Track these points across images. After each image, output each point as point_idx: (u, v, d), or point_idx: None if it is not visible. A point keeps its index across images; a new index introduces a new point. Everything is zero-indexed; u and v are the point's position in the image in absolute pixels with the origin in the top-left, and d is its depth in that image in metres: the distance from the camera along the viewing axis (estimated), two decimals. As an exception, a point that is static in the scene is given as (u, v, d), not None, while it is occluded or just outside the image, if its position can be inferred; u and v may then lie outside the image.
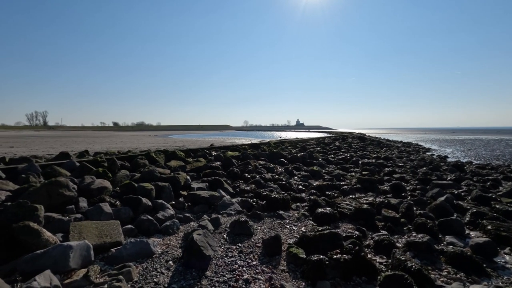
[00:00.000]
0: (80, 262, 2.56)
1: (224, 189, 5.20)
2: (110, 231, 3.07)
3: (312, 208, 4.62)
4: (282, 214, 4.38)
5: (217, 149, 9.86)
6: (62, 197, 3.59)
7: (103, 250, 2.87)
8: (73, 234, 2.88)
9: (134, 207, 3.84)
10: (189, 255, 2.78)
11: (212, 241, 3.09)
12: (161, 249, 3.10)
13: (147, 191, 4.24)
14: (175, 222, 3.67)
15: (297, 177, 7.26)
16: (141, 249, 2.87)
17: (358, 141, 21.72)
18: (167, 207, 4.09)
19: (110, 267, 2.66)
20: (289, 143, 15.37)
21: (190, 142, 24.45)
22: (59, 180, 3.65)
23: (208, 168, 6.53)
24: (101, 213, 3.48)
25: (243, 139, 32.58)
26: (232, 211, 4.35)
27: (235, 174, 6.41)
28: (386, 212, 4.33)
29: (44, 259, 2.41)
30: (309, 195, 5.55)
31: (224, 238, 3.46)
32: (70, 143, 22.56)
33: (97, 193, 4.15)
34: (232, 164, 7.26)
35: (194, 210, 4.31)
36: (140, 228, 3.44)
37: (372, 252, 3.30)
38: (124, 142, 24.12)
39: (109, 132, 76.97)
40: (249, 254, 3.08)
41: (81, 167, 5.31)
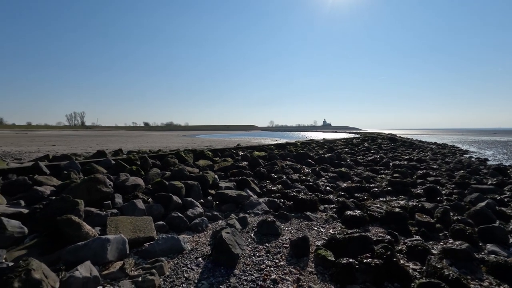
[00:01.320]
0: (116, 255, 2.70)
1: (251, 188, 5.24)
2: (143, 226, 3.21)
3: (341, 210, 4.53)
4: (310, 215, 4.33)
5: (243, 149, 9.95)
6: (100, 193, 3.81)
7: (137, 245, 3.00)
8: (110, 228, 3.04)
9: (165, 204, 3.99)
10: (217, 252, 2.83)
11: (240, 240, 3.13)
12: (191, 245, 3.18)
13: (177, 189, 4.38)
14: (204, 220, 3.76)
15: (325, 178, 7.14)
16: (172, 245, 2.97)
17: (388, 142, 20.92)
18: (196, 205, 4.20)
19: (144, 261, 2.78)
20: (316, 144, 15.15)
21: (217, 142, 24.89)
22: (97, 177, 3.88)
23: (235, 167, 6.62)
24: (135, 209, 3.64)
25: (269, 139, 32.60)
26: (259, 211, 4.37)
27: (261, 174, 6.43)
28: (419, 217, 4.14)
29: (85, 250, 2.57)
30: (337, 196, 5.44)
31: (252, 238, 3.49)
32: (105, 142, 23.84)
33: (131, 190, 4.35)
34: (258, 164, 7.30)
35: (222, 209, 4.39)
36: (171, 224, 3.56)
37: (405, 258, 3.17)
38: (155, 142, 25.07)
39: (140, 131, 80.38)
40: (277, 255, 3.08)
41: (116, 165, 5.59)
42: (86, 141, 25.38)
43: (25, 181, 4.29)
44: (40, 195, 3.84)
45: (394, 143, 20.30)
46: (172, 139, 31.35)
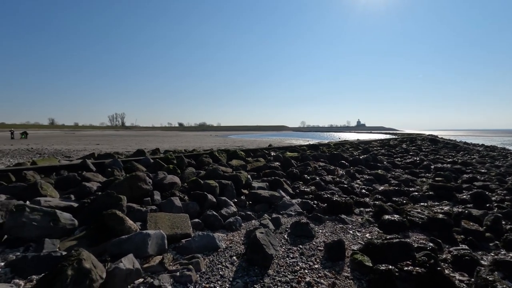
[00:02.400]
0: (156, 250, 2.82)
1: (284, 189, 5.22)
2: (180, 223, 3.33)
3: (378, 214, 4.35)
4: (345, 218, 4.21)
5: (275, 150, 9.94)
6: (141, 190, 4.02)
7: (174, 240, 3.12)
8: (150, 224, 3.19)
9: (201, 202, 4.10)
10: (252, 252, 2.85)
11: (274, 241, 3.13)
12: (225, 244, 3.24)
13: (212, 188, 4.49)
14: (237, 219, 3.81)
15: (360, 180, 6.91)
16: (208, 243, 3.05)
17: (429, 144, 19.70)
18: (230, 204, 4.27)
19: (181, 256, 2.88)
20: (350, 145, 14.70)
21: (249, 142, 25.14)
22: (138, 174, 4.09)
23: (268, 168, 6.63)
24: (172, 206, 3.79)
25: (301, 140, 32.24)
26: (292, 212, 4.34)
27: (294, 175, 6.38)
28: (466, 224, 3.85)
29: (128, 244, 2.72)
30: (373, 200, 5.24)
31: (285, 239, 3.47)
32: (143, 142, 25.11)
33: (169, 188, 4.54)
34: (291, 165, 7.24)
35: (255, 209, 4.42)
36: (206, 222, 3.65)
37: (450, 267, 2.96)
38: (189, 142, 25.91)
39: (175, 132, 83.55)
40: (311, 257, 3.04)
41: (154, 164, 5.87)
42: (126, 141, 26.93)
43: (74, 177, 4.65)
44: (88, 191, 4.15)
45: (436, 145, 19.06)
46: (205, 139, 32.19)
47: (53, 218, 3.02)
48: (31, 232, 2.88)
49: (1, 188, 4.13)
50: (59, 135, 44.44)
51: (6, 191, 4.03)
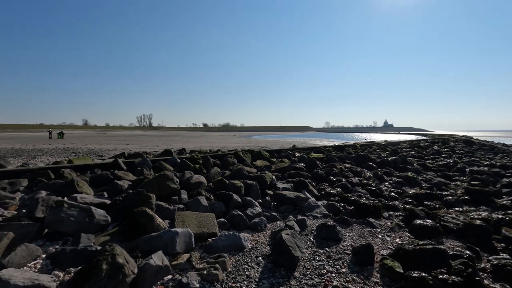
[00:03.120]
0: (184, 247, 2.89)
1: (309, 191, 5.15)
2: (207, 222, 3.38)
3: (408, 219, 4.17)
4: (373, 222, 4.08)
5: (300, 150, 9.84)
6: (169, 188, 4.13)
7: (201, 239, 3.17)
8: (178, 222, 3.27)
9: (226, 202, 4.14)
10: (277, 253, 2.84)
11: (300, 243, 3.09)
12: (251, 244, 3.25)
13: (237, 188, 4.52)
14: (262, 219, 3.81)
15: (388, 183, 6.66)
16: (234, 242, 3.07)
17: (463, 145, 18.62)
18: (255, 204, 4.28)
19: (208, 255, 2.92)
20: (377, 146, 14.23)
21: (272, 143, 25.09)
22: (166, 174, 4.21)
23: (293, 169, 6.58)
24: (199, 205, 3.86)
25: (325, 141, 31.70)
26: (318, 214, 4.27)
27: (319, 176, 6.28)
28: (508, 232, 3.59)
29: (157, 241, 2.81)
30: (403, 203, 5.03)
31: (311, 241, 3.42)
32: (170, 142, 25.83)
33: (195, 187, 4.63)
34: (316, 166, 7.14)
35: (280, 210, 4.39)
36: (231, 222, 3.68)
37: (489, 277, 2.77)
38: (213, 142, 26.31)
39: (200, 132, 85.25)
40: (338, 261, 2.97)
41: (181, 163, 6.01)
42: (154, 141, 27.84)
43: (107, 176, 4.88)
44: (119, 188, 4.33)
45: (471, 147, 17.98)
46: (229, 140, 32.54)
47: (88, 214, 3.18)
48: (69, 226, 3.05)
49: (42, 185, 4.42)
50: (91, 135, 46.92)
51: (46, 187, 4.31)
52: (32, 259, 2.56)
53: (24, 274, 2.15)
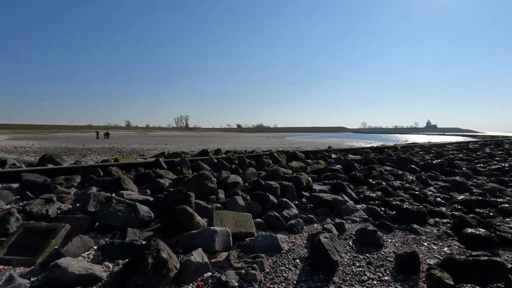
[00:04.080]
0: (222, 246, 2.95)
1: (347, 193, 5.00)
2: (244, 222, 3.42)
3: (458, 227, 3.86)
4: (417, 228, 3.84)
5: (336, 152, 9.59)
6: (207, 188, 4.25)
7: (238, 239, 3.21)
8: (216, 221, 3.35)
9: (262, 202, 4.16)
10: (315, 256, 2.78)
11: (338, 247, 3.00)
12: (288, 246, 3.22)
13: (273, 189, 4.52)
14: (299, 221, 3.77)
15: (433, 187, 6.24)
16: (271, 243, 3.07)
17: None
18: (291, 206, 4.24)
19: (245, 255, 2.94)
20: (420, 148, 13.40)
21: (306, 144, 24.75)
22: (205, 173, 4.34)
23: (329, 170, 6.43)
24: (236, 205, 3.92)
25: (362, 142, 30.58)
26: (357, 218, 4.12)
27: (357, 179, 6.06)
28: None
29: (197, 238, 2.90)
30: (451, 210, 4.68)
31: (350, 246, 3.31)
32: (205, 142, 26.59)
33: (232, 187, 4.71)
34: (354, 168, 6.90)
35: (316, 212, 4.31)
36: (268, 223, 3.68)
37: (557, 296, 2.47)
38: (247, 142, 26.60)
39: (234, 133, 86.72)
40: (380, 268, 2.84)
41: (218, 163, 6.16)
42: (190, 141, 28.83)
43: (150, 174, 5.14)
44: (161, 186, 4.55)
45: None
46: (263, 140, 32.68)
47: (134, 210, 3.38)
48: (117, 221, 3.26)
49: (92, 181, 4.79)
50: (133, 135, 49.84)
51: (96, 184, 4.66)
52: (85, 249, 2.78)
53: (79, 263, 2.34)
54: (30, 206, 3.39)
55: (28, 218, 3.27)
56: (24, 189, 4.37)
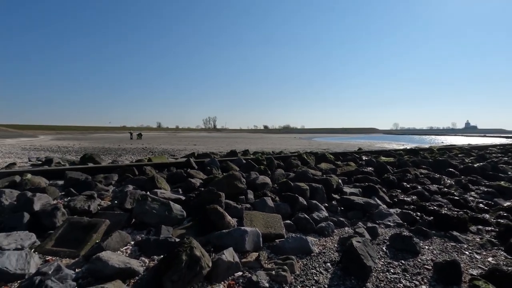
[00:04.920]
0: (252, 246, 2.97)
1: (380, 197, 4.82)
2: (274, 223, 3.42)
3: (504, 235, 3.58)
4: (457, 236, 3.61)
5: (367, 154, 9.29)
6: (236, 188, 4.30)
7: (268, 240, 3.21)
8: (246, 221, 3.38)
9: (292, 204, 4.13)
10: (347, 261, 2.72)
11: (372, 252, 2.91)
12: (318, 249, 3.17)
13: (303, 191, 4.48)
14: (330, 224, 3.69)
15: (475, 192, 5.84)
16: (301, 245, 3.04)
17: None
18: (321, 208, 4.17)
19: (275, 256, 2.94)
20: (459, 150, 12.60)
21: (335, 145, 24.22)
22: (234, 174, 4.41)
23: (360, 173, 6.24)
24: (265, 205, 3.93)
25: (394, 144, 29.38)
26: (391, 222, 3.96)
27: (390, 182, 5.83)
28: None
29: (228, 238, 2.94)
30: (496, 217, 4.35)
31: (384, 251, 3.19)
32: (233, 143, 26.93)
33: (260, 188, 4.73)
34: (386, 171, 6.65)
35: (347, 215, 4.21)
36: (297, 225, 3.65)
37: None
38: (274, 143, 26.57)
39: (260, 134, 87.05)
40: (416, 276, 2.71)
41: (246, 164, 6.22)
42: (218, 142, 29.36)
43: (181, 174, 5.31)
44: (192, 186, 4.68)
45: None
46: (290, 142, 32.47)
47: (168, 208, 3.50)
48: (152, 218, 3.40)
49: (129, 180, 5.04)
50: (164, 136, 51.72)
51: (132, 182, 4.90)
52: (123, 244, 2.93)
53: (119, 257, 2.47)
54: (74, 202, 3.64)
55: (72, 213, 3.51)
56: (68, 186, 4.70)
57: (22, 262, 2.36)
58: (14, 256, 2.35)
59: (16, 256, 2.36)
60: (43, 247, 2.80)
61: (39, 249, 2.77)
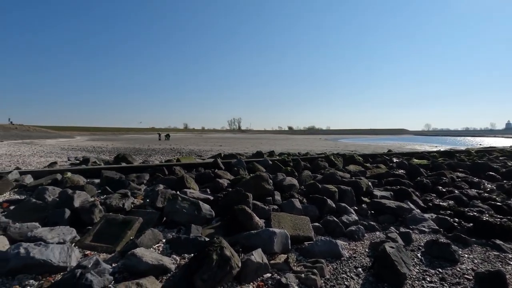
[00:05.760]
0: (280, 248, 2.95)
1: (413, 201, 4.61)
2: (302, 225, 3.38)
3: (556, 246, 3.28)
4: (501, 244, 3.36)
5: (398, 155, 8.93)
6: (264, 189, 4.31)
7: (296, 242, 3.17)
8: (274, 222, 3.36)
9: (320, 206, 4.06)
10: (380, 267, 2.62)
11: (406, 258, 2.78)
12: (348, 253, 3.09)
13: (331, 193, 4.39)
14: (360, 228, 3.59)
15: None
16: (330, 249, 2.98)
17: None
18: (350, 211, 4.07)
19: (304, 258, 2.91)
20: (500, 152, 11.75)
21: (362, 147, 23.54)
22: (262, 175, 4.41)
23: (391, 175, 6.01)
24: (293, 207, 3.90)
25: (426, 145, 28.03)
26: (426, 228, 3.77)
27: (424, 185, 5.56)
28: None
29: (256, 238, 2.94)
30: (546, 226, 3.99)
31: (418, 258, 3.04)
32: (257, 144, 27.01)
33: (288, 189, 4.70)
34: (419, 174, 6.35)
35: (378, 220, 4.06)
36: (326, 227, 3.58)
37: None
38: (299, 145, 26.32)
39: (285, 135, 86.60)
40: (456, 285, 2.55)
41: (273, 165, 6.21)
42: (243, 143, 29.59)
43: (209, 174, 5.41)
44: (220, 186, 4.74)
45: None
46: (315, 143, 32.03)
47: (197, 208, 3.58)
48: (182, 217, 3.49)
49: (159, 180, 5.21)
50: (191, 137, 53.01)
51: (162, 182, 5.06)
52: (156, 242, 3.02)
53: (152, 254, 2.55)
54: (109, 200, 3.82)
55: (108, 210, 3.69)
56: (104, 184, 4.95)
57: (64, 255, 2.51)
58: (57, 250, 2.50)
59: (59, 249, 2.52)
60: (82, 241, 2.96)
61: (79, 243, 2.94)
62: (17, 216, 3.39)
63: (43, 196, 4.07)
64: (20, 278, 2.27)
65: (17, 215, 3.45)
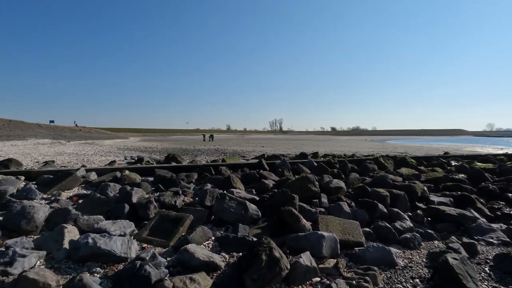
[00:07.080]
0: (329, 252, 2.86)
1: (477, 209, 4.17)
2: (351, 230, 3.25)
3: None
4: None
5: (457, 158, 8.16)
6: (310, 191, 4.23)
7: (346, 247, 3.06)
8: (321, 225, 3.28)
9: (370, 211, 3.88)
10: (442, 279, 2.41)
11: (472, 272, 2.52)
12: (403, 262, 2.90)
13: (382, 197, 4.16)
14: (415, 236, 3.34)
15: None
16: (383, 256, 2.82)
17: None
18: (404, 217, 3.81)
19: (354, 264, 2.79)
20: None
21: (413, 149, 21.99)
22: (308, 176, 4.34)
23: (450, 180, 5.51)
24: (341, 211, 3.77)
25: (489, 147, 25.30)
26: (494, 240, 3.38)
27: (490, 192, 4.99)
28: None
29: (304, 241, 2.90)
30: None
31: (486, 273, 2.74)
32: (299, 145, 26.71)
33: (334, 192, 4.56)
34: (484, 179, 5.72)
35: (436, 228, 3.75)
36: (377, 233, 3.40)
37: None
38: (343, 146, 25.46)
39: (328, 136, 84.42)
40: (534, 307, 2.25)
41: (318, 167, 6.08)
42: (285, 144, 29.49)
43: (254, 174, 5.47)
44: (266, 187, 4.77)
45: None
46: (360, 144, 30.74)
47: (244, 207, 3.64)
48: (229, 216, 3.58)
49: (207, 179, 5.40)
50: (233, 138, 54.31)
51: (210, 181, 5.24)
52: (206, 239, 3.14)
53: (203, 251, 2.65)
54: (163, 197, 4.06)
55: (162, 206, 3.91)
56: (157, 182, 5.28)
57: (125, 247, 2.71)
58: (119, 241, 2.72)
59: (121, 241, 2.73)
60: (140, 235, 3.18)
61: (137, 236, 3.16)
62: (84, 209, 3.76)
63: (106, 191, 4.47)
64: (88, 265, 2.51)
65: (84, 208, 3.83)
